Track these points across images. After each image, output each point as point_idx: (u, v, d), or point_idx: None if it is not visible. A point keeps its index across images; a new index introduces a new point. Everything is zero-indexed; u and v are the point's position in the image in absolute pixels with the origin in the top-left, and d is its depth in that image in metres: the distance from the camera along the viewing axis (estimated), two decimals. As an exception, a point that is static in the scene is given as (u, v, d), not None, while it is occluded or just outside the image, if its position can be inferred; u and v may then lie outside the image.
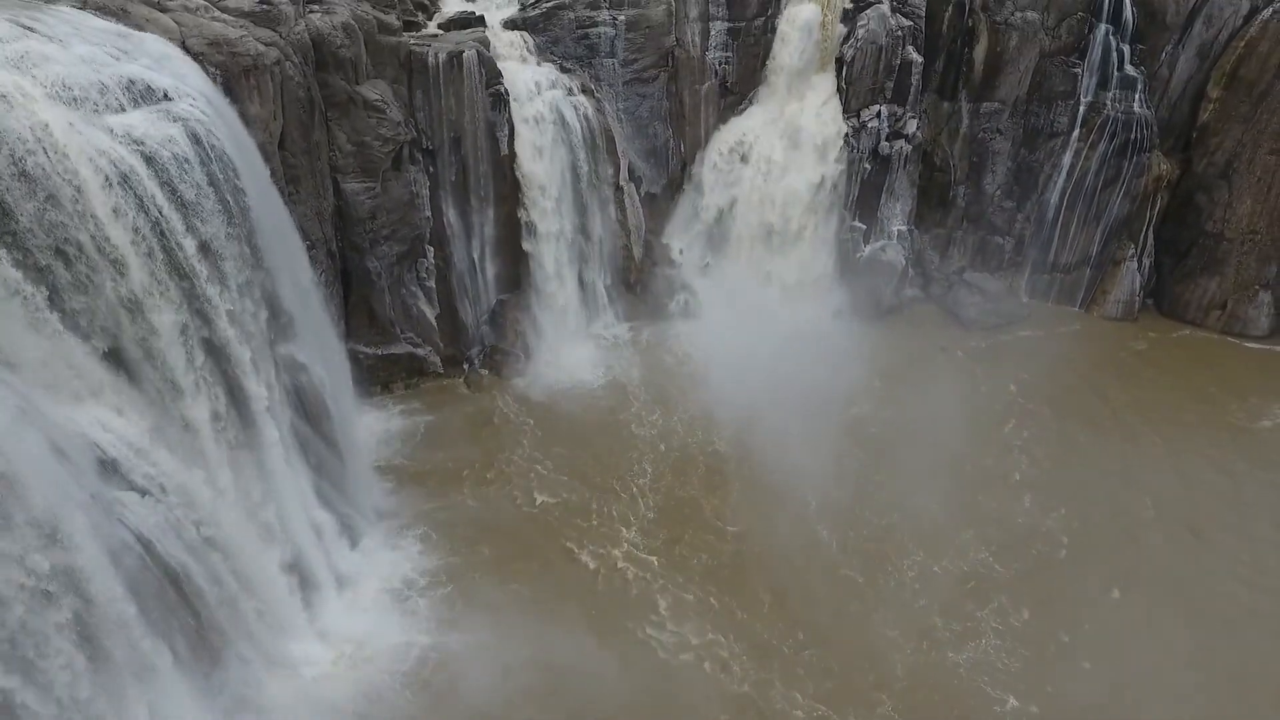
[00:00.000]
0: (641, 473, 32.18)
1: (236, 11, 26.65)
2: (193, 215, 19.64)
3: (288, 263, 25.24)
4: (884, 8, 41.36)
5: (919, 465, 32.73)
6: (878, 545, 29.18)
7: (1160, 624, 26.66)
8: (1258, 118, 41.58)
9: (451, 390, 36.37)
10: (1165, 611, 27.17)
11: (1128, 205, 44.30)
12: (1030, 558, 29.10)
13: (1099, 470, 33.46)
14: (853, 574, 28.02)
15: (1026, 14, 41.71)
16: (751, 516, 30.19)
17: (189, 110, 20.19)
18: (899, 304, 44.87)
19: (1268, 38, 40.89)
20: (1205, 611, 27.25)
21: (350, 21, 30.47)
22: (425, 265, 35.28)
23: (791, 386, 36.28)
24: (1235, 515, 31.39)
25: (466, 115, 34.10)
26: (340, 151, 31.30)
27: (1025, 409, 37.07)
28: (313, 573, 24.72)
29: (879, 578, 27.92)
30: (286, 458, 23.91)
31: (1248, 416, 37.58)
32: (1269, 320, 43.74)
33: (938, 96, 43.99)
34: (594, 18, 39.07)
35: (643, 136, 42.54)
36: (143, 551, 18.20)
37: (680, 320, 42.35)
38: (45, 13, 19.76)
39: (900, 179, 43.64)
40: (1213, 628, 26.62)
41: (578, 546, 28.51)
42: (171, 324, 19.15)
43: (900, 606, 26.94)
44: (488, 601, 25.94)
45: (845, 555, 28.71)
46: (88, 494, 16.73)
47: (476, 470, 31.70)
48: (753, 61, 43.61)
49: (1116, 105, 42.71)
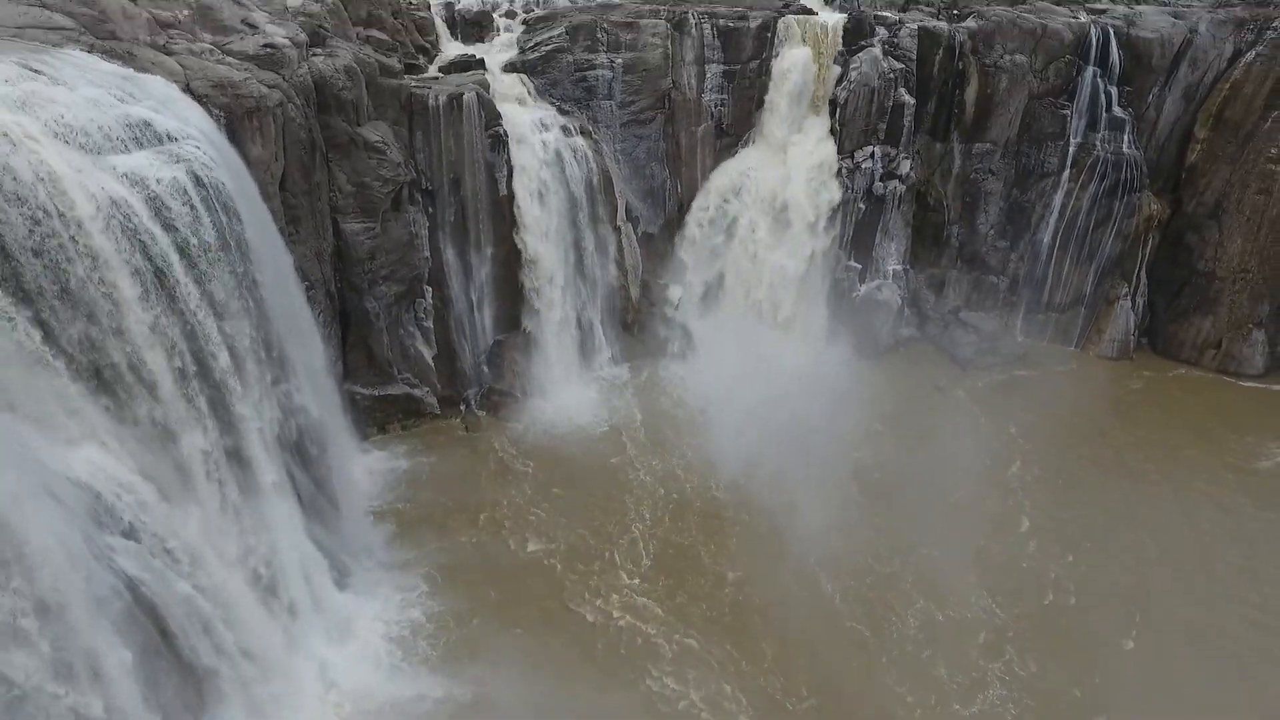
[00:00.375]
0: (639, 518, 31.68)
1: (241, 55, 26.87)
2: (192, 254, 19.51)
3: (286, 303, 25.09)
4: (876, 51, 42.17)
5: (922, 510, 32.35)
6: (880, 594, 28.54)
7: (1174, 674, 26.02)
8: (1244, 158, 42.33)
9: (448, 432, 35.98)
10: (1178, 660, 26.55)
11: (1120, 245, 44.80)
12: (1038, 606, 28.45)
13: (1104, 512, 33.09)
14: (856, 625, 27.26)
15: (1015, 57, 42.59)
16: (751, 563, 29.60)
17: (191, 151, 20.19)
18: (895, 343, 44.96)
19: (1251, 80, 41.84)
20: (1219, 658, 26.70)
21: (352, 65, 30.79)
22: (423, 305, 35.18)
23: (790, 429, 36.04)
24: (1242, 556, 31.07)
25: (466, 156, 34.33)
26: (340, 192, 31.38)
27: (1027, 450, 36.84)
28: (306, 619, 24.07)
29: (883, 628, 27.23)
30: (281, 501, 23.44)
31: (1247, 456, 37.48)
32: (1264, 359, 43.96)
33: (930, 137, 44.66)
34: (592, 61, 39.69)
35: (640, 177, 42.92)
36: (131, 598, 17.69)
37: (678, 361, 42.29)
38: (54, 56, 19.83)
39: (894, 219, 44.04)
40: (1227, 676, 26.04)
41: (577, 594, 27.90)
42: (166, 363, 18.86)
43: (905, 658, 26.20)
44: (487, 652, 25.20)
45: (848, 604, 27.98)
46: (79, 536, 16.28)
47: (473, 514, 31.19)
48: (748, 104, 44.29)
49: (1106, 146, 43.44)
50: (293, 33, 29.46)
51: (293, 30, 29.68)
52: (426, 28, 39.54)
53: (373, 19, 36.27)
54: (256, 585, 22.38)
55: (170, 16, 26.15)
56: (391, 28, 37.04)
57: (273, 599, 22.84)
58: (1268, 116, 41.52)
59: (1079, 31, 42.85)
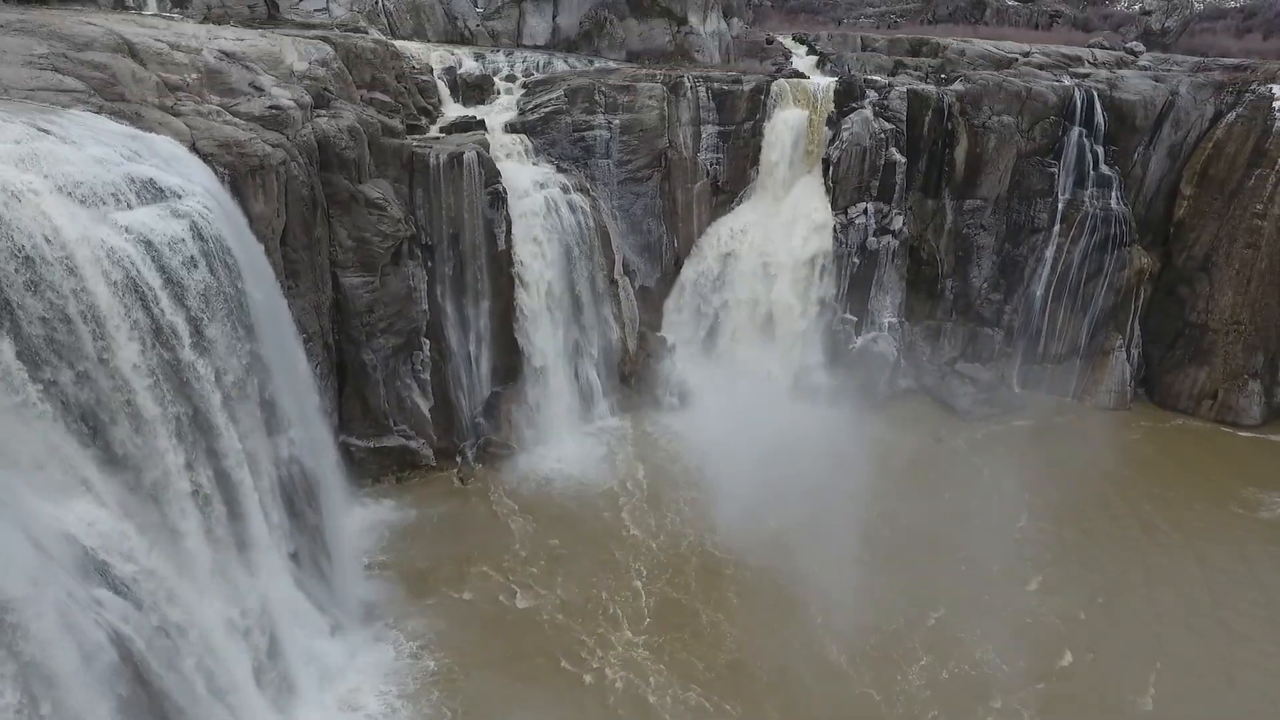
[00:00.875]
0: (637, 574, 31.14)
1: (247, 116, 27.70)
2: (192, 306, 19.80)
3: (284, 354, 25.29)
4: (867, 112, 43.36)
5: (930, 567, 31.79)
6: (885, 653, 27.79)
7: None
8: (1231, 213, 43.12)
9: (444, 484, 35.79)
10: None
11: (1112, 297, 45.28)
12: (1054, 666, 27.63)
13: (1114, 566, 32.61)
14: (867, 689, 26.35)
15: (1002, 118, 43.78)
16: (750, 622, 28.86)
17: (194, 207, 20.68)
18: (893, 394, 45.04)
19: (1233, 139, 42.91)
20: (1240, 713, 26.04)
21: (355, 125, 31.68)
22: (421, 358, 35.40)
23: (788, 482, 35.68)
24: (1256, 605, 30.51)
25: (466, 212, 35.03)
26: (341, 247, 31.92)
27: (1034, 504, 36.39)
28: (295, 674, 23.59)
29: (890, 686, 26.43)
30: (273, 553, 23.22)
31: (1249, 507, 37.17)
32: (1260, 409, 43.97)
33: (922, 194, 45.58)
34: (590, 121, 40.80)
35: (637, 233, 43.69)
36: (115, 653, 17.39)
37: (675, 413, 42.29)
38: (63, 116, 20.47)
39: (889, 272, 44.63)
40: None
41: (572, 651, 27.30)
42: (160, 412, 18.94)
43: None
44: (478, 712, 24.64)
45: (854, 667, 27.11)
46: (64, 591, 16.11)
47: (468, 568, 30.77)
48: (743, 162, 45.39)
49: (1094, 202, 44.29)
50: (298, 95, 30.41)
51: (298, 92, 30.64)
52: (429, 90, 40.77)
53: (377, 82, 37.43)
54: (248, 639, 22.01)
55: (179, 80, 27.02)
56: (395, 90, 38.20)
57: (259, 652, 22.41)
58: (1250, 174, 42.46)
59: (1063, 94, 44.14)
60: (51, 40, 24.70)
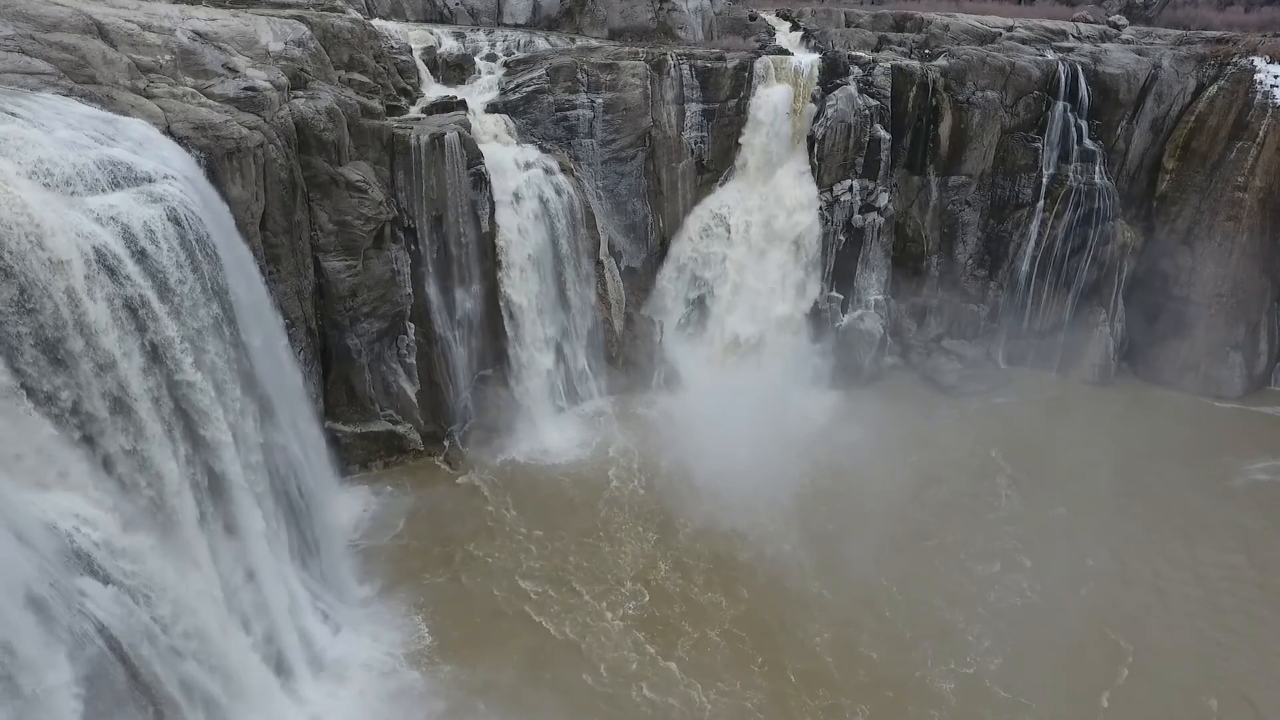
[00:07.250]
0: (624, 554, 31.21)
1: (222, 98, 27.18)
2: (170, 293, 19.50)
3: (266, 341, 25.00)
4: (851, 89, 43.13)
5: (926, 549, 32.15)
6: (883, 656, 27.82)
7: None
8: (1213, 187, 43.32)
9: (431, 468, 35.67)
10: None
11: (1096, 272, 45.53)
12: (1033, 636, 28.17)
13: (1096, 538, 33.00)
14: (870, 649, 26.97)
15: (986, 93, 43.66)
16: (744, 606, 28.95)
17: (169, 191, 20.30)
18: (880, 371, 45.20)
19: (1215, 113, 43.02)
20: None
21: (334, 106, 31.17)
22: (406, 342, 35.15)
23: (776, 461, 35.86)
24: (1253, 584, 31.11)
25: (448, 194, 34.64)
26: (322, 230, 31.54)
27: (1016, 479, 36.80)
28: (291, 662, 23.59)
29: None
30: (261, 540, 23.09)
31: (1229, 475, 37.71)
32: (1242, 381, 44.48)
33: (907, 171, 45.48)
34: (573, 100, 40.34)
35: (622, 213, 43.39)
36: (104, 645, 17.26)
37: (662, 393, 42.28)
38: (32, 99, 20.00)
39: (875, 250, 44.61)
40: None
41: (561, 633, 27.41)
42: (142, 400, 18.71)
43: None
44: (467, 694, 24.72)
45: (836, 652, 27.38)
46: (48, 582, 15.93)
47: (456, 550, 30.76)
48: (727, 140, 45.06)
49: (1078, 177, 44.40)
50: (274, 76, 29.85)
51: (274, 74, 30.07)
52: (408, 70, 40.13)
53: (355, 63, 36.78)
54: (242, 628, 21.94)
55: (151, 61, 26.44)
56: (373, 71, 37.57)
57: (253, 637, 22.36)
58: (1232, 147, 42.64)
59: (1047, 69, 44.05)
60: (17, 21, 24.02)
